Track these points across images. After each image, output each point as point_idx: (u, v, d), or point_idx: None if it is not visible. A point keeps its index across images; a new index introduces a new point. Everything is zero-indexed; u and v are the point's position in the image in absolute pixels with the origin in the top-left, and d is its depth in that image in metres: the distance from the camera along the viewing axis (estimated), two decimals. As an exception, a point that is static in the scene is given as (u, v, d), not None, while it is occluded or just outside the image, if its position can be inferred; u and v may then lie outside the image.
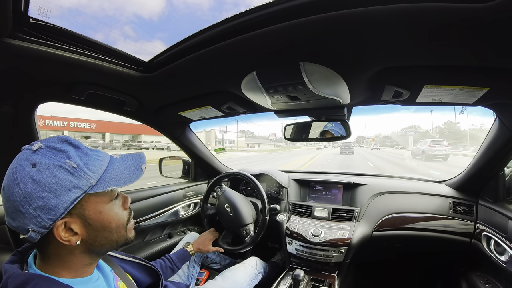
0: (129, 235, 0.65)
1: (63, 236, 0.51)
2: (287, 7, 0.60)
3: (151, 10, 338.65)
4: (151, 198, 1.57)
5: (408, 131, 17.90)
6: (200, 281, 1.40)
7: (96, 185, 0.53)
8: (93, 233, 0.56)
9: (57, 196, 0.49)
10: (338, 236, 1.35)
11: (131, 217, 0.67)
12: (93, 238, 0.56)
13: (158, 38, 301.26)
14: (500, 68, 0.70)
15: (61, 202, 0.49)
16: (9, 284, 0.48)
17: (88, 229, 0.55)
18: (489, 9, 0.48)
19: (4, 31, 0.62)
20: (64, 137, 0.55)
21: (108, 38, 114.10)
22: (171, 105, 1.29)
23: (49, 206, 0.48)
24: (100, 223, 0.56)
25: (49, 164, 0.49)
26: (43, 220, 0.48)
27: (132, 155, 0.64)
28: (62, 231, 0.51)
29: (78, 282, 0.55)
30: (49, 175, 0.49)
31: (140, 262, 0.87)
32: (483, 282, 1.20)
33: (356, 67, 0.80)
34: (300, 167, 11.91)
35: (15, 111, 0.90)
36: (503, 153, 1.09)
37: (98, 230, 0.56)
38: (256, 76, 0.88)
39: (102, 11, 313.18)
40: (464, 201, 1.34)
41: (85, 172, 0.52)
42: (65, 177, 0.50)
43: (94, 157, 0.56)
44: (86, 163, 0.53)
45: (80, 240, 0.54)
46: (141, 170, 0.61)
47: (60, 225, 0.50)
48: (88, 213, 0.54)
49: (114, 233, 0.60)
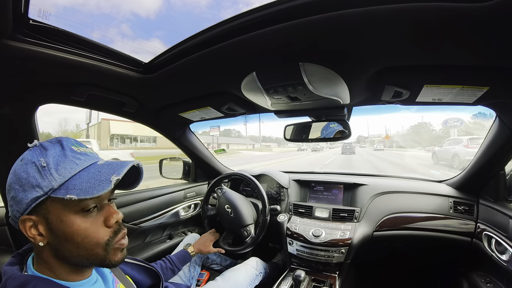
0: (110, 257, 0.56)
1: (29, 232, 0.51)
2: (287, 7, 0.60)
3: (148, 8, 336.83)
4: (151, 199, 1.57)
5: (451, 122, 12.79)
6: (201, 282, 1.40)
7: (58, 190, 0.49)
8: (55, 240, 0.51)
9: (24, 191, 0.49)
10: (338, 237, 1.35)
11: (119, 237, 0.58)
12: (57, 246, 0.52)
13: (156, 36, 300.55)
14: (500, 67, 0.70)
15: (24, 198, 0.49)
16: (8, 286, 0.48)
17: (51, 235, 0.51)
18: (488, 8, 0.48)
19: (4, 32, 0.62)
20: (60, 137, 0.55)
21: (105, 37, 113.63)
22: (171, 106, 1.29)
23: (17, 199, 0.50)
24: (61, 232, 0.51)
25: (27, 160, 0.51)
26: (14, 210, 0.51)
27: (114, 163, 0.55)
28: (29, 227, 0.51)
29: (75, 285, 0.55)
30: (23, 170, 0.50)
31: (140, 263, 0.86)
32: (484, 281, 1.20)
33: (356, 67, 0.80)
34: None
35: (15, 112, 0.90)
36: (504, 152, 1.09)
37: (60, 239, 0.51)
38: (256, 77, 0.88)
39: (98, 9, 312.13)
40: (465, 201, 1.34)
41: (51, 173, 0.49)
42: (33, 174, 0.49)
43: (70, 159, 0.52)
44: (57, 164, 0.50)
45: (44, 242, 0.51)
46: (108, 182, 0.50)
47: (26, 220, 0.51)
48: (51, 218, 0.51)
49: (81, 249, 0.52)
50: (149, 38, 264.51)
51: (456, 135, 12.21)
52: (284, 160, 17.66)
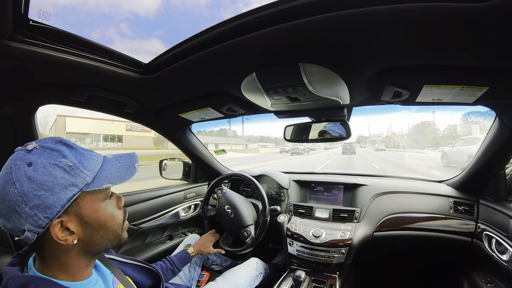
0: (123, 235, 0.65)
1: (60, 235, 0.51)
2: (287, 8, 0.61)
3: (147, 7, 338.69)
4: (151, 200, 1.57)
5: (472, 117, 9.76)
6: (201, 282, 1.39)
7: (91, 183, 0.54)
8: (89, 231, 0.56)
9: (54, 194, 0.49)
10: (339, 237, 1.35)
11: (126, 218, 0.67)
12: (90, 237, 0.56)
13: (155, 36, 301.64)
14: (500, 68, 0.70)
15: (57, 200, 0.49)
16: (9, 286, 0.48)
17: (85, 228, 0.55)
18: (487, 9, 0.48)
19: (4, 33, 0.62)
20: (58, 138, 0.56)
21: (104, 37, 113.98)
22: (171, 106, 1.29)
23: (46, 204, 0.48)
24: (96, 221, 0.57)
25: (45, 163, 0.50)
26: (39, 219, 0.48)
27: (125, 155, 0.64)
28: (58, 230, 0.51)
29: (77, 285, 0.55)
30: (45, 174, 0.49)
31: (140, 264, 0.87)
32: (484, 281, 1.20)
33: (355, 68, 0.80)
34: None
35: (15, 113, 0.90)
36: (503, 152, 1.09)
37: (95, 228, 0.57)
38: (255, 78, 0.88)
39: (97, 8, 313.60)
40: (465, 201, 1.34)
41: (81, 170, 0.53)
42: (61, 175, 0.50)
43: (89, 156, 0.56)
44: (81, 162, 0.54)
45: (76, 239, 0.54)
46: (134, 168, 0.62)
47: (57, 224, 0.50)
48: (85, 212, 0.54)
49: (110, 231, 0.60)
50: (149, 38, 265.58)
51: (478, 132, 10.00)
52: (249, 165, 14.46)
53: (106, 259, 0.75)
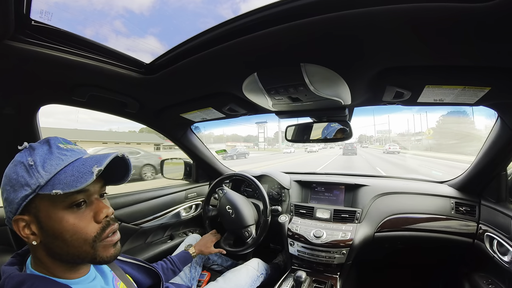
0: (101, 253, 0.56)
1: (22, 232, 0.52)
2: (288, 8, 0.60)
3: (141, 3, 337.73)
4: (152, 200, 1.58)
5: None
6: (202, 282, 1.39)
7: (44, 186, 0.49)
8: (47, 238, 0.52)
9: (15, 191, 0.50)
10: (340, 237, 1.34)
11: (108, 233, 0.57)
12: (49, 244, 0.52)
13: (150, 34, 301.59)
14: (502, 68, 0.70)
15: (15, 198, 0.50)
16: (6, 285, 0.48)
17: (42, 233, 0.52)
18: (488, 9, 0.48)
19: (6, 33, 0.62)
20: (48, 137, 0.57)
21: (98, 34, 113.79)
22: (172, 106, 1.30)
23: (9, 199, 0.51)
24: (50, 229, 0.51)
25: (16, 161, 0.53)
26: (7, 211, 0.52)
27: (97, 155, 0.55)
28: (22, 227, 0.52)
29: (73, 282, 0.55)
30: (13, 170, 0.52)
31: (140, 263, 0.87)
32: (486, 282, 1.20)
33: (357, 68, 0.80)
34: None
35: (17, 113, 0.91)
36: (505, 152, 1.09)
37: (50, 236, 0.52)
38: (257, 78, 0.88)
39: (90, 5, 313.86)
40: (467, 202, 1.34)
41: (38, 170, 0.50)
42: (21, 174, 0.50)
43: (56, 156, 0.53)
44: (43, 161, 0.51)
45: (37, 241, 0.52)
46: (91, 173, 0.50)
47: (19, 220, 0.51)
48: (41, 216, 0.51)
49: (70, 246, 0.52)
50: (144, 36, 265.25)
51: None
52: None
53: None
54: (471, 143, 27.81)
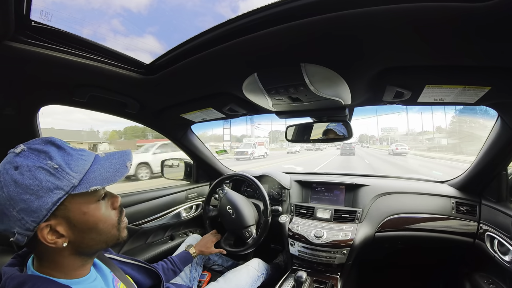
0: (121, 234, 0.64)
1: (48, 238, 0.50)
2: (288, 8, 0.61)
3: (139, 1, 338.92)
4: (153, 200, 1.57)
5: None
6: (202, 283, 1.39)
7: (78, 185, 0.52)
8: (79, 234, 0.54)
9: (39, 198, 0.48)
10: (340, 237, 1.34)
11: (123, 216, 0.66)
12: (80, 240, 0.55)
13: (149, 33, 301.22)
14: (502, 67, 0.70)
15: (43, 204, 0.48)
16: (7, 286, 0.48)
17: (74, 231, 0.53)
18: (488, 8, 0.48)
19: (6, 34, 0.62)
20: (48, 138, 0.55)
21: (96, 34, 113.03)
22: (173, 107, 1.30)
23: (32, 208, 0.48)
24: (85, 224, 0.55)
25: (30, 166, 0.49)
26: (27, 222, 0.48)
27: (118, 153, 0.61)
28: (47, 233, 0.50)
29: (74, 282, 0.55)
30: (30, 177, 0.48)
31: (140, 264, 0.87)
32: (486, 282, 1.20)
33: (357, 68, 0.80)
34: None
35: (17, 113, 0.91)
36: (506, 152, 1.09)
37: (84, 231, 0.55)
38: (257, 78, 0.88)
39: (88, 4, 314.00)
40: (467, 201, 1.33)
41: (67, 173, 0.51)
42: (46, 178, 0.49)
43: (77, 157, 0.54)
44: (68, 163, 0.52)
45: (67, 242, 0.53)
46: (126, 168, 0.59)
47: (45, 227, 0.49)
48: (73, 215, 0.53)
49: (103, 234, 0.58)
50: (142, 35, 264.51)
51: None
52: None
53: (106, 258, 0.75)
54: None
